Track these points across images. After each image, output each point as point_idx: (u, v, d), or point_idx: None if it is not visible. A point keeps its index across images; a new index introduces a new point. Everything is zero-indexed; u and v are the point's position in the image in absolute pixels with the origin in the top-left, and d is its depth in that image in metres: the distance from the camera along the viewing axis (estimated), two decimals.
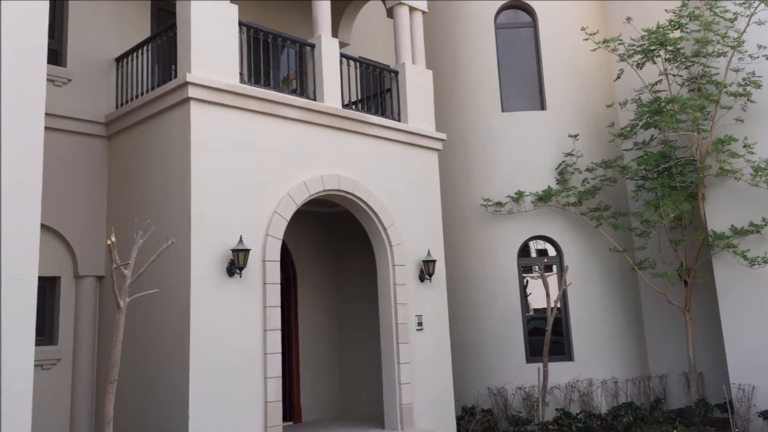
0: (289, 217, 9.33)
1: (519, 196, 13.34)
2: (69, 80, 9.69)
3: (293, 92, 9.92)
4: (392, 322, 10.33)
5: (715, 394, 12.95)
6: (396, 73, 11.44)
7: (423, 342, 10.76)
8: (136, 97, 9.50)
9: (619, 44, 13.21)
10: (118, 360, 6.63)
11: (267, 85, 9.55)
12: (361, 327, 11.89)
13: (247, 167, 8.95)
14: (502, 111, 13.94)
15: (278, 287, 9.06)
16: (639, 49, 12.80)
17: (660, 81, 12.98)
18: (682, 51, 12.64)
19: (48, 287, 9.39)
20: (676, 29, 12.76)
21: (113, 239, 6.71)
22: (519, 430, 11.82)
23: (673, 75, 12.89)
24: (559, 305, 12.53)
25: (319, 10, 10.35)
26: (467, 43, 14.29)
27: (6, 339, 5.57)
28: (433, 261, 10.94)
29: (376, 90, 11.46)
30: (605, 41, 13.31)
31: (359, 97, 11.63)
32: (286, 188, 9.36)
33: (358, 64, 11.08)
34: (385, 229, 10.51)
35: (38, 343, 8.43)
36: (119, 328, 6.63)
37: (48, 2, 6.34)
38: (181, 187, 8.50)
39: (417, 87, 11.53)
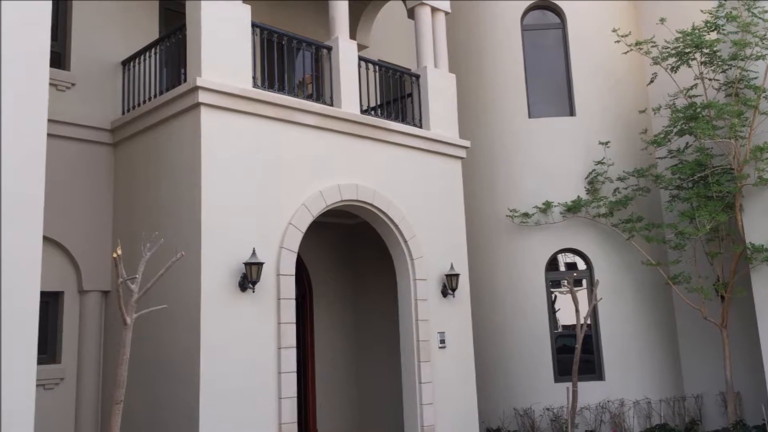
0: (304, 228, 9.19)
1: (547, 207, 13.07)
2: (73, 84, 9.63)
3: (309, 97, 10.03)
4: (413, 340, 10.18)
5: (754, 415, 12.67)
6: (417, 76, 11.34)
7: (446, 360, 10.57)
8: (144, 102, 9.45)
9: (653, 47, 13.02)
10: (124, 379, 6.44)
11: (281, 90, 9.49)
12: (380, 344, 11.80)
13: (260, 176, 8.83)
14: (529, 117, 13.72)
15: (293, 302, 8.93)
16: (673, 51, 12.57)
17: (695, 85, 12.71)
18: (718, 54, 12.38)
19: (50, 302, 9.31)
20: (713, 31, 12.52)
21: (119, 252, 6.58)
22: None
23: (710, 79, 12.61)
24: (589, 322, 12.22)
25: (336, 11, 10.25)
26: (492, 46, 14.09)
27: (7, 357, 5.50)
28: (457, 275, 10.76)
29: (396, 95, 11.37)
30: (638, 43, 13.08)
31: (378, 103, 11.54)
32: (302, 198, 9.23)
33: (377, 67, 10.99)
34: (405, 242, 10.33)
35: (40, 361, 8.32)
36: (126, 346, 6.46)
37: (51, 3, 6.28)
38: (191, 196, 8.39)
39: (439, 91, 11.39)
